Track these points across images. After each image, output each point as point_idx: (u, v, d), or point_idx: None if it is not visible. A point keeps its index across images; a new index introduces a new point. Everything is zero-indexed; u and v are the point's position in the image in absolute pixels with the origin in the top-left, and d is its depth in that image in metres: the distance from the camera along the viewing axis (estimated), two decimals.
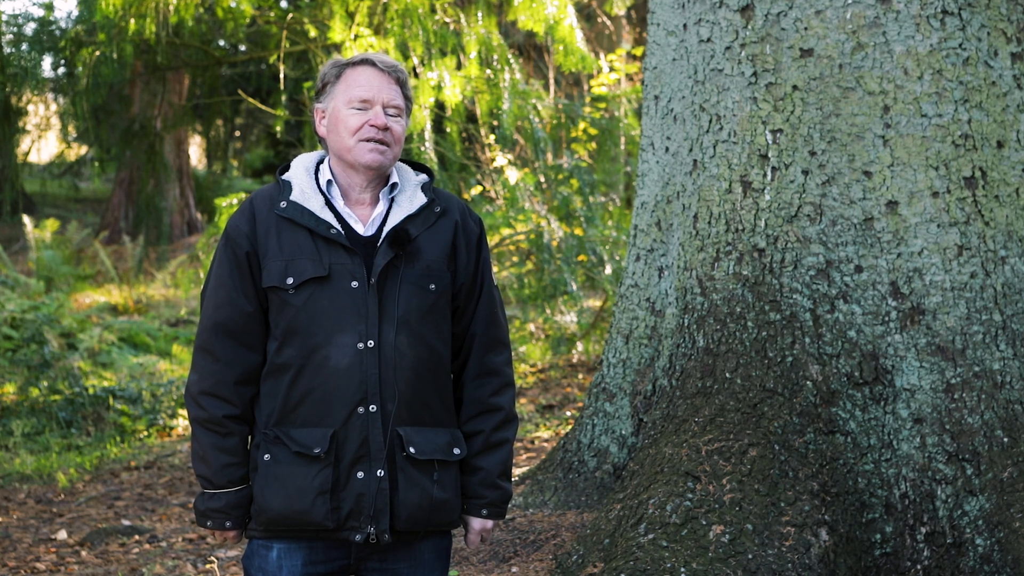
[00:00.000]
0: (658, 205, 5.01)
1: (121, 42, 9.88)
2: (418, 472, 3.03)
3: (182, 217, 19.07)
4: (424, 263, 3.05)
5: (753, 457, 4.20)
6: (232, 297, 3.03)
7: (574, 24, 9.85)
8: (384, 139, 3.04)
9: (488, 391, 3.15)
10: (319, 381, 2.99)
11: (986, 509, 4.22)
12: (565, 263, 9.72)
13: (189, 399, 3.08)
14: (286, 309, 3.00)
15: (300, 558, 3.05)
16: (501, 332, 3.18)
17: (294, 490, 2.99)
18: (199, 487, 3.42)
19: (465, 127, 11.15)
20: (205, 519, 3.10)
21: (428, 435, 3.05)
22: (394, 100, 3.07)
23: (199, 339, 3.08)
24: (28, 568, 5.85)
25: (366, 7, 9.97)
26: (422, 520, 3.05)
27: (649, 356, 4.98)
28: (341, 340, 2.98)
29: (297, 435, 3.00)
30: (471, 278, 3.13)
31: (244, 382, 3.04)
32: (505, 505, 3.20)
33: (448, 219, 3.12)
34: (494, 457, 3.14)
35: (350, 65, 3.11)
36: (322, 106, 3.13)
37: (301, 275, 2.99)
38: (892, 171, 4.49)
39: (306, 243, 3.01)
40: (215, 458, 3.05)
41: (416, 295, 3.03)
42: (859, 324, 4.44)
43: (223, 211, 9.16)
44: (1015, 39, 4.62)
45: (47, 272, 14.50)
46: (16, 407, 9.12)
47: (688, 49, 4.84)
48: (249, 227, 3.04)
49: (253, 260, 3.03)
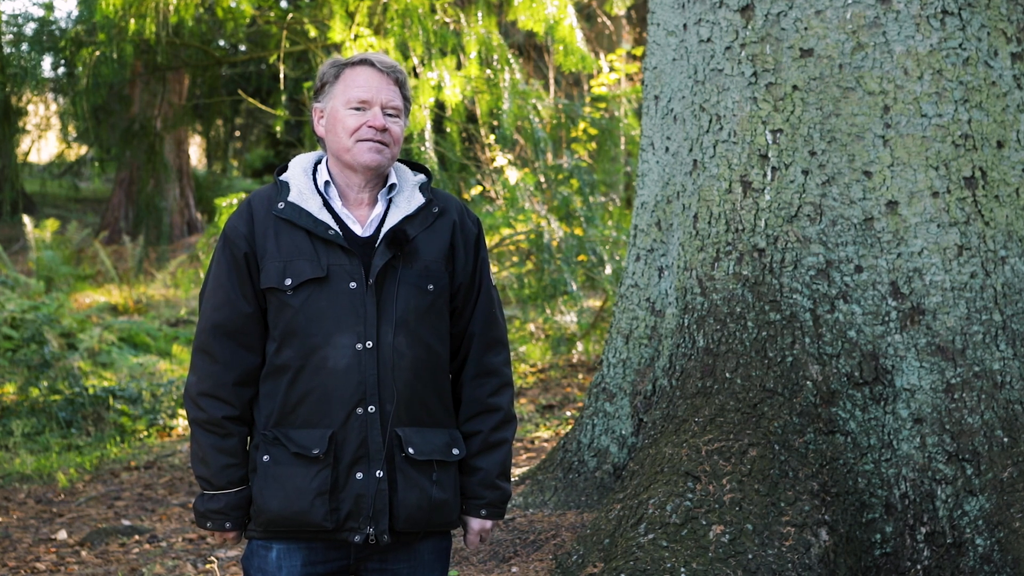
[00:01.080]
0: (658, 205, 5.01)
1: (121, 42, 9.88)
2: (417, 473, 3.03)
3: (182, 217, 19.06)
4: (422, 263, 3.05)
5: (753, 457, 4.20)
6: (231, 298, 3.03)
7: (574, 24, 9.85)
8: (383, 140, 3.04)
9: (487, 391, 3.15)
10: (318, 382, 2.98)
11: (986, 509, 4.22)
12: (565, 263, 9.71)
13: (188, 400, 3.08)
14: (284, 310, 3.00)
15: (299, 558, 3.05)
16: (499, 332, 3.18)
17: (293, 491, 2.99)
18: (198, 488, 3.42)
19: (465, 127, 11.15)
20: (205, 520, 3.10)
21: (427, 435, 3.05)
22: (393, 101, 3.07)
23: (198, 340, 3.08)
24: (28, 568, 5.84)
25: (366, 7, 9.97)
26: (421, 521, 3.05)
27: (649, 356, 4.98)
28: (340, 341, 2.98)
29: (296, 436, 3.00)
30: (469, 278, 3.13)
31: (243, 383, 3.04)
32: (504, 505, 3.20)
33: (446, 219, 3.11)
34: (493, 457, 3.14)
35: (349, 65, 3.10)
36: (320, 106, 3.13)
37: (299, 276, 2.99)
38: (892, 171, 4.49)
39: (304, 244, 3.01)
40: (214, 459, 3.05)
41: (414, 295, 3.03)
42: (859, 324, 4.43)
43: (223, 211, 9.15)
44: (1015, 39, 4.62)
45: (47, 272, 14.49)
46: (16, 407, 9.11)
47: (688, 49, 4.84)
48: (247, 228, 3.04)
49: (251, 261, 3.03)
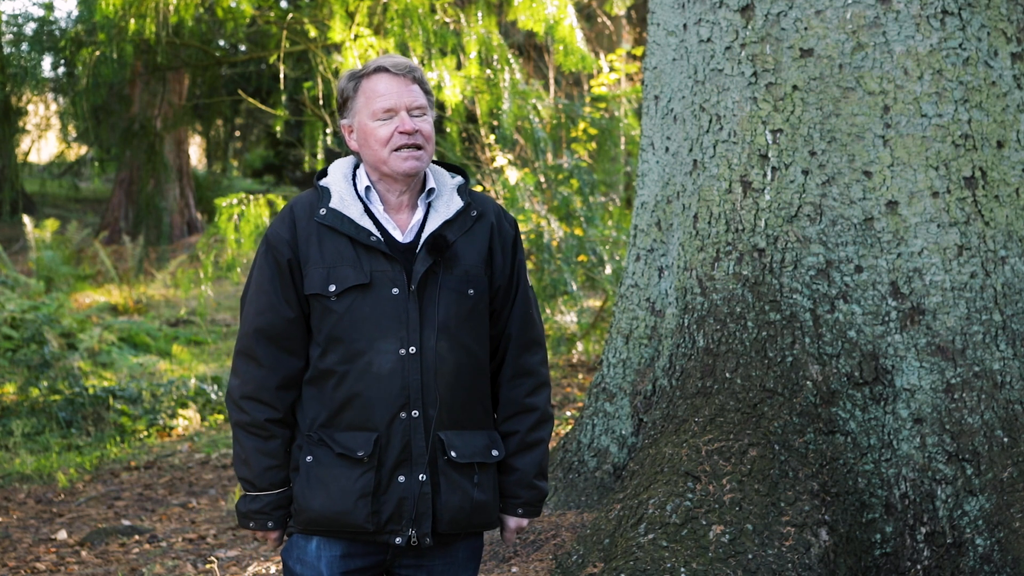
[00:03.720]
0: (658, 205, 5.01)
1: (121, 42, 9.88)
2: (459, 475, 3.06)
3: (182, 217, 19.07)
4: (462, 268, 3.07)
5: (753, 457, 4.20)
6: (273, 303, 3.06)
7: (574, 24, 9.84)
8: (416, 143, 3.06)
9: (524, 391, 3.17)
10: (362, 386, 3.01)
11: (986, 509, 4.22)
12: (565, 263, 9.71)
13: (231, 403, 3.10)
14: (328, 316, 3.03)
15: (339, 549, 3.07)
16: (536, 332, 3.21)
17: (337, 492, 3.02)
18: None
19: (465, 127, 11.15)
20: (248, 521, 3.13)
21: (467, 438, 3.08)
22: (416, 101, 3.08)
23: (240, 343, 3.09)
24: (28, 568, 5.85)
25: (366, 7, 9.97)
26: (463, 522, 3.08)
27: (649, 356, 4.98)
28: (383, 346, 3.01)
29: (341, 438, 3.03)
30: (507, 280, 3.15)
31: (285, 387, 3.07)
32: (540, 504, 3.23)
33: (484, 223, 3.13)
34: (530, 457, 3.17)
35: (365, 76, 3.11)
36: (347, 122, 3.15)
37: (344, 282, 3.02)
38: (892, 171, 4.49)
39: (347, 250, 3.03)
40: (257, 461, 3.07)
41: (455, 301, 3.06)
42: (859, 324, 4.44)
43: (223, 211, 9.16)
44: (1015, 39, 4.62)
45: (47, 272, 14.49)
46: (16, 407, 9.11)
47: (688, 49, 4.84)
48: (290, 234, 3.06)
49: (295, 267, 3.05)
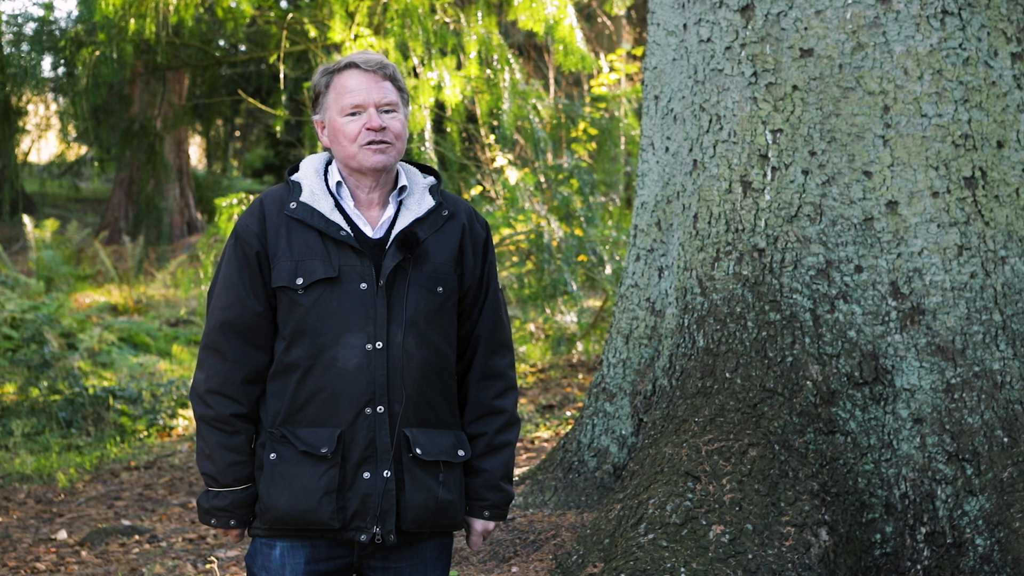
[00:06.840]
0: (658, 205, 5.01)
1: (121, 42, 9.88)
2: (424, 473, 3.05)
3: (182, 217, 19.05)
4: (432, 266, 3.07)
5: (753, 457, 4.20)
6: (241, 296, 3.05)
7: (574, 24, 9.84)
8: (384, 139, 3.05)
9: (492, 394, 3.17)
10: (327, 381, 3.00)
11: (986, 509, 4.22)
12: (565, 263, 9.71)
13: (195, 397, 3.09)
14: (295, 309, 3.02)
15: (303, 556, 3.06)
16: (505, 335, 3.21)
17: (300, 489, 3.01)
18: (202, 485, 3.44)
19: (465, 127, 11.15)
20: (209, 517, 3.11)
21: (434, 436, 3.07)
22: (386, 98, 3.07)
23: (206, 338, 3.09)
24: (28, 568, 5.85)
25: (366, 7, 9.97)
26: (428, 521, 3.07)
27: (649, 356, 4.98)
28: (349, 341, 3.00)
29: (304, 435, 3.01)
30: (477, 281, 3.16)
31: (251, 381, 3.06)
32: (507, 507, 3.22)
33: (455, 222, 3.14)
34: (496, 459, 3.17)
35: (336, 72, 3.11)
36: (319, 117, 3.15)
37: (311, 276, 3.01)
38: (892, 171, 4.49)
39: (316, 244, 3.03)
40: (221, 456, 3.06)
41: (424, 297, 3.05)
42: (859, 324, 4.44)
43: (223, 211, 9.16)
44: (1015, 39, 4.62)
45: (47, 272, 14.48)
46: (16, 407, 9.11)
47: (688, 49, 4.84)
48: (259, 227, 3.06)
49: (263, 260, 3.05)
